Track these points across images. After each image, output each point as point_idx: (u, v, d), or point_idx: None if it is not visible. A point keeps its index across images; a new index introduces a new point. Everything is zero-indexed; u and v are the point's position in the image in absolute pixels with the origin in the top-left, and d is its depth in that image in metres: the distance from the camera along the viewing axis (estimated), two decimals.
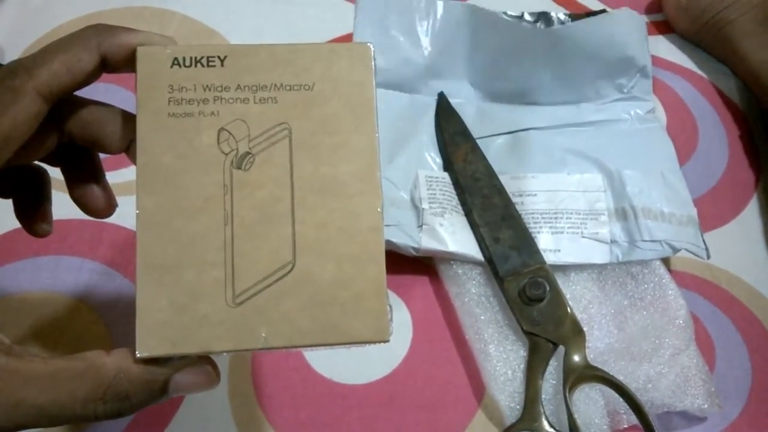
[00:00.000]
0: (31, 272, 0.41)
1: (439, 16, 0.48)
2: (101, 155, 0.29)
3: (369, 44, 0.26)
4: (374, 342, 0.24)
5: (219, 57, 0.25)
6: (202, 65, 0.25)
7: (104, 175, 0.30)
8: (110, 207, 0.30)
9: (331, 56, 0.25)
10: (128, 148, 0.27)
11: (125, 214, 0.29)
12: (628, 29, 0.48)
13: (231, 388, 0.38)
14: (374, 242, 0.24)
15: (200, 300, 0.23)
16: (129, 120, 0.26)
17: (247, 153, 0.24)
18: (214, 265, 0.24)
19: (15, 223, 0.29)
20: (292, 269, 0.24)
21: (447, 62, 0.48)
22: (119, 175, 0.39)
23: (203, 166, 0.24)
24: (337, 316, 0.24)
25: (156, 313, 0.23)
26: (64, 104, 0.25)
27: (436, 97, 0.47)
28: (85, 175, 0.29)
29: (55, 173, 0.30)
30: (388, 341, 0.24)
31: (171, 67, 0.24)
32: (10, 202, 0.30)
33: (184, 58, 0.24)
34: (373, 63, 0.26)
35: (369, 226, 0.25)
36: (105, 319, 0.40)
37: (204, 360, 0.24)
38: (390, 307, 0.24)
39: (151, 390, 0.23)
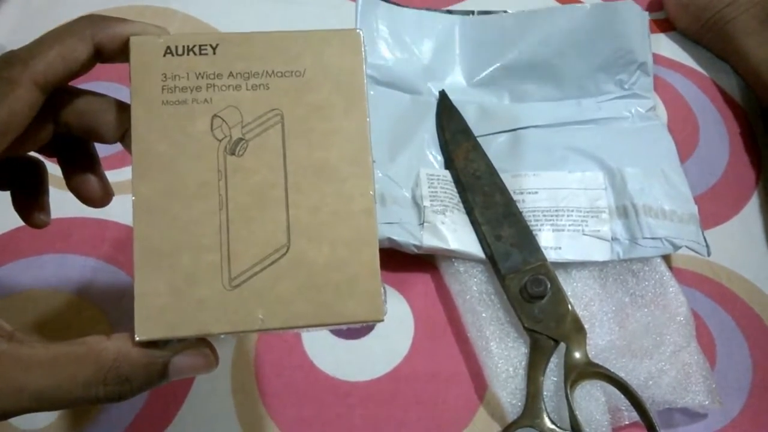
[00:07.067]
0: (36, 270, 0.41)
1: (432, 25, 0.49)
2: (97, 146, 0.29)
3: (359, 31, 0.26)
4: (369, 321, 0.24)
5: (211, 45, 0.25)
6: (195, 53, 0.25)
7: (100, 165, 0.30)
8: (107, 196, 0.30)
9: (322, 43, 0.26)
10: (123, 138, 0.27)
11: (127, 212, 0.29)
12: (628, 20, 0.48)
13: (234, 385, 0.38)
14: (367, 225, 0.25)
15: (197, 284, 0.24)
16: (123, 109, 0.27)
17: (241, 139, 0.24)
18: (210, 249, 0.24)
19: (19, 222, 0.30)
20: (287, 252, 0.24)
21: (443, 65, 0.49)
22: (120, 174, 0.40)
23: (197, 152, 0.24)
24: (332, 297, 0.24)
25: (154, 297, 0.23)
26: (59, 94, 0.26)
27: (437, 96, 0.48)
28: (81, 165, 0.29)
29: (55, 171, 0.30)
30: (382, 320, 0.24)
31: (164, 55, 0.25)
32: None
33: (176, 47, 0.25)
34: (363, 49, 0.26)
35: (362, 209, 0.25)
36: (108, 316, 0.40)
37: (202, 343, 0.25)
38: (384, 288, 0.25)
39: (151, 372, 0.24)
